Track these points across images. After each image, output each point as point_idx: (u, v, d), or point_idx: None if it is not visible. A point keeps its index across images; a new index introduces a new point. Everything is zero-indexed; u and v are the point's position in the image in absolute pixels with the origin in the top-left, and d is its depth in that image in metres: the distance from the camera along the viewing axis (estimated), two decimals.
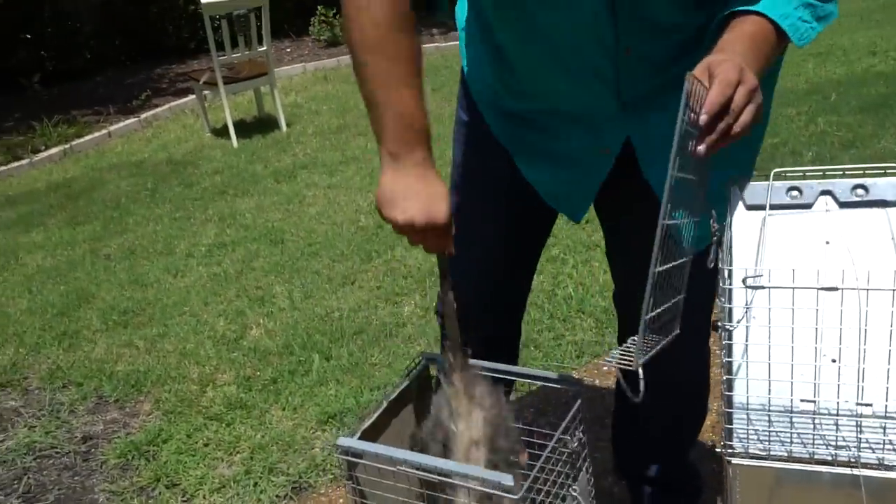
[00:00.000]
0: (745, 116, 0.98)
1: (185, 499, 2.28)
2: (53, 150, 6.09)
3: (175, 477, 2.38)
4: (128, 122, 6.58)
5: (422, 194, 1.17)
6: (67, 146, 6.11)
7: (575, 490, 1.40)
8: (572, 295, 2.94)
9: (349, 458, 1.36)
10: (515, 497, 1.18)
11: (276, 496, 2.20)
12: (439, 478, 1.27)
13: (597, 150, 1.36)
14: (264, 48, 5.72)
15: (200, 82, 5.90)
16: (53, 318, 3.53)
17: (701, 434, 2.11)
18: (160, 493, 2.32)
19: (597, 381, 2.43)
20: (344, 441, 1.36)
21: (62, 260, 4.19)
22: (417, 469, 1.29)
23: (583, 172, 1.41)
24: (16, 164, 5.91)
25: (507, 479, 1.18)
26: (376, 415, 1.47)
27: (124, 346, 3.22)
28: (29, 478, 2.48)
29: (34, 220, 4.92)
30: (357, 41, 1.13)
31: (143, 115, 6.66)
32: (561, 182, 1.43)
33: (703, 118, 0.96)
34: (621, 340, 1.41)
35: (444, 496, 1.29)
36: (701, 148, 0.98)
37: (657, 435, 1.67)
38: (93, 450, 2.63)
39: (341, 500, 2.11)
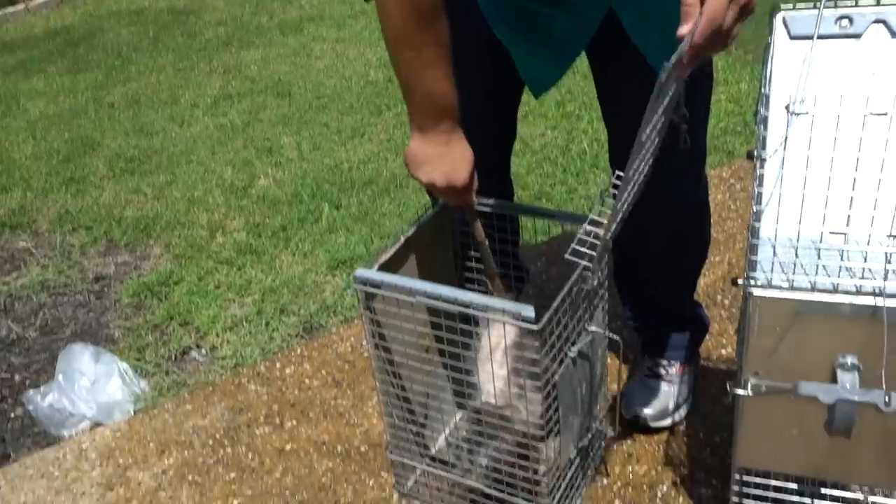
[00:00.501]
0: (733, 34, 1.01)
1: (199, 335, 2.33)
2: None
3: (188, 316, 2.43)
4: None
5: (445, 160, 1.33)
6: None
7: (591, 326, 1.42)
8: (586, 150, 2.90)
9: (367, 289, 1.37)
10: (536, 328, 1.20)
11: (288, 335, 2.25)
12: (459, 309, 1.29)
13: (574, 29, 1.37)
14: None
15: None
16: (59, 164, 3.51)
17: (706, 287, 2.14)
18: (174, 330, 2.37)
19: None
20: (361, 272, 1.37)
21: (65, 107, 4.12)
22: (437, 300, 1.30)
23: (557, 52, 1.42)
24: (11, 9, 5.71)
25: (528, 310, 1.19)
26: (395, 249, 1.47)
27: (132, 192, 3.21)
28: (45, 313, 2.53)
29: (34, 66, 4.80)
30: (388, 36, 1.24)
31: None
32: (534, 57, 1.45)
33: (685, 56, 0.99)
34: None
35: (462, 329, 1.31)
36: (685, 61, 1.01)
37: (659, 269, 1.68)
38: (105, 289, 2.67)
39: (352, 338, 2.16)
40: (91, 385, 2.16)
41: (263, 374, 2.07)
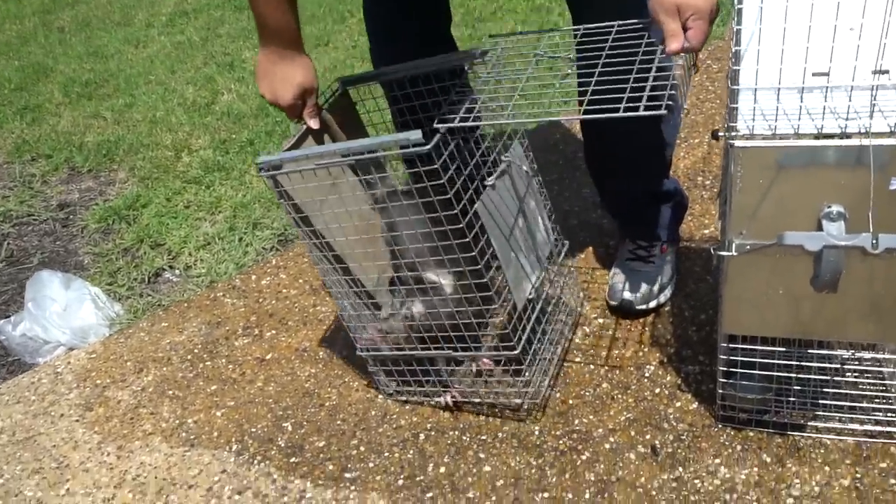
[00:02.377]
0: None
1: (171, 256, 2.27)
2: None
3: (158, 237, 2.36)
4: None
5: (271, 77, 1.41)
6: None
7: (505, 157, 1.40)
8: (558, 43, 2.79)
9: (272, 174, 1.37)
10: (426, 148, 1.20)
11: (263, 248, 2.19)
12: (356, 157, 1.30)
13: None
14: None
15: None
16: (12, 94, 3.37)
17: (686, 170, 2.08)
18: (145, 253, 2.31)
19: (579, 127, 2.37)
20: (262, 157, 1.38)
21: (12, 34, 3.94)
22: (332, 157, 1.32)
23: None
24: None
25: (415, 135, 1.20)
26: (296, 137, 1.46)
27: (91, 117, 3.09)
28: (9, 243, 2.45)
29: None
30: None
31: None
32: None
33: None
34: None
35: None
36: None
37: (631, 141, 1.63)
38: (71, 216, 2.58)
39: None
40: (63, 311, 2.10)
41: (239, 287, 2.02)
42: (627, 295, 1.66)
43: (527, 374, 1.49)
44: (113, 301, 2.16)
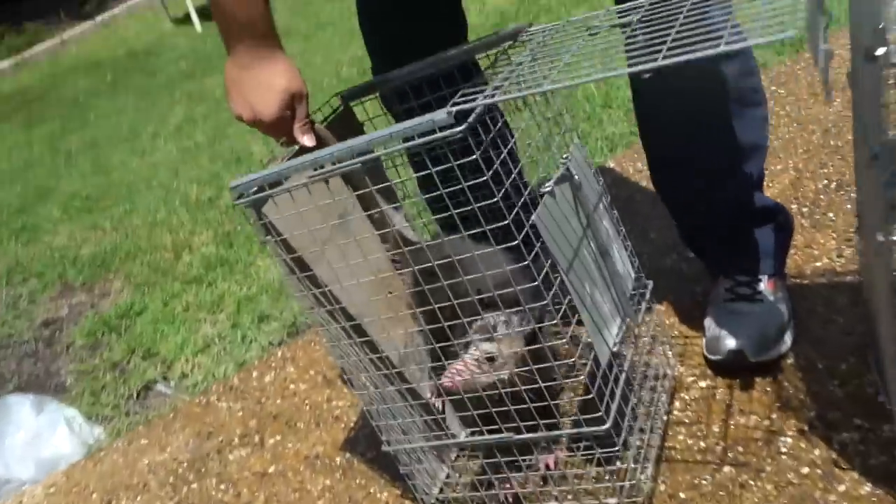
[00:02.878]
0: None
1: (165, 366, 1.90)
2: (4, 64, 5.58)
3: (152, 346, 2.00)
4: (83, 26, 6.04)
5: (248, 85, 1.08)
6: (19, 57, 5.60)
7: (566, 157, 1.02)
8: (594, 93, 2.48)
9: (251, 198, 1.01)
10: (460, 129, 0.86)
11: (270, 343, 1.81)
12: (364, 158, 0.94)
13: None
14: None
15: None
16: (10, 217, 3.13)
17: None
18: (135, 365, 1.95)
19: (631, 170, 2.01)
20: (235, 181, 1.02)
21: (18, 163, 3.77)
22: (332, 163, 0.96)
23: None
24: None
25: (440, 115, 0.87)
26: (289, 156, 1.10)
27: (89, 229, 2.82)
28: None
29: None
30: None
31: (99, 18, 6.11)
32: None
33: None
34: None
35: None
36: None
37: (714, 147, 1.26)
38: (57, 333, 2.25)
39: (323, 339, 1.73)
40: (31, 440, 1.72)
41: (237, 388, 1.64)
42: (735, 344, 1.24)
43: (621, 460, 1.06)
44: (93, 424, 1.78)
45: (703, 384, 1.28)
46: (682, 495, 1.10)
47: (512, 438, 1.05)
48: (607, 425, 1.00)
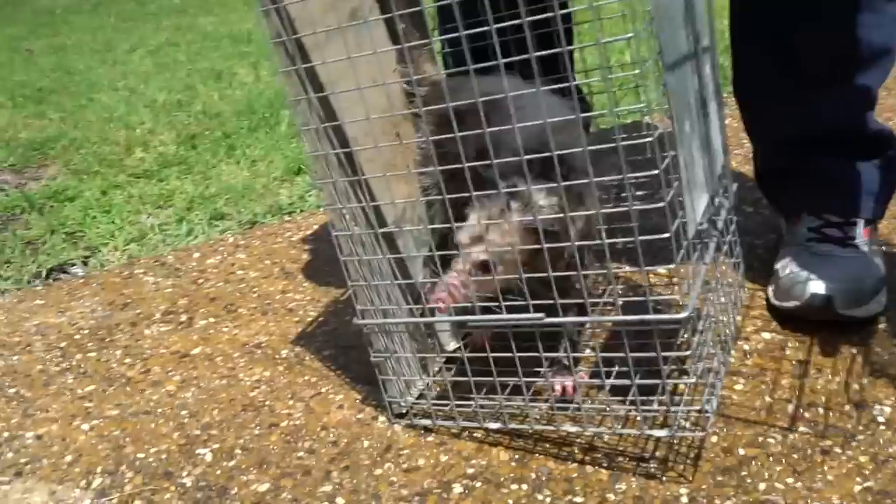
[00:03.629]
0: None
1: (88, 250, 1.56)
2: None
3: (77, 230, 1.66)
4: None
5: None
6: None
7: None
8: None
9: None
10: None
11: (219, 235, 1.49)
12: None
13: None
14: None
15: None
16: None
17: None
18: (53, 246, 1.60)
19: None
20: None
21: None
22: None
23: None
24: None
25: None
26: None
27: (33, 117, 2.47)
28: None
29: None
30: None
31: None
32: None
33: None
34: None
35: None
36: None
37: (818, 54, 1.01)
38: None
39: (315, 226, 1.42)
40: None
41: (171, 265, 1.31)
42: (823, 289, 0.97)
43: (691, 376, 0.77)
44: None
45: (767, 335, 1.01)
46: (741, 452, 0.81)
47: (541, 320, 0.75)
48: (686, 314, 0.71)
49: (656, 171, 0.64)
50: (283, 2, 0.77)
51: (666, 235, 0.67)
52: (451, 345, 0.98)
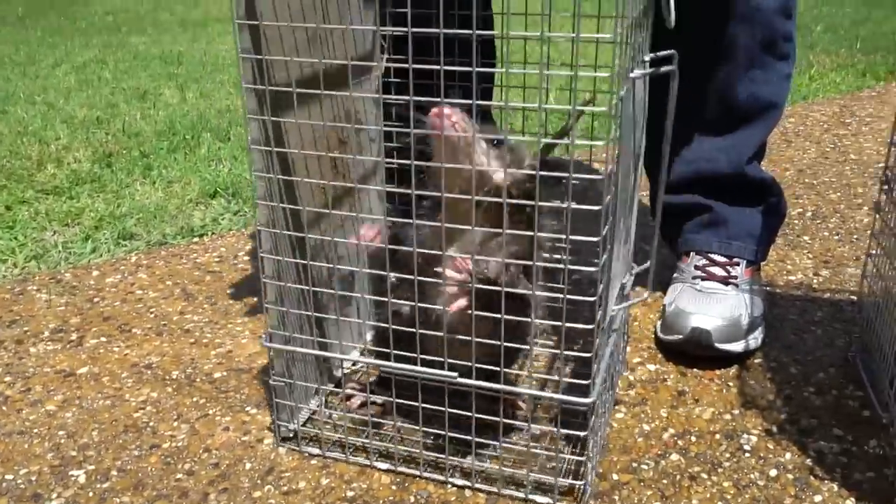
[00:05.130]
0: None
1: None
2: None
3: None
4: None
5: None
6: None
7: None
8: None
9: None
10: None
11: (123, 255, 1.47)
12: None
13: None
14: None
15: None
16: None
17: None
18: None
19: None
20: None
21: None
22: None
23: None
24: None
25: None
26: None
27: None
28: None
29: None
30: None
31: None
32: None
33: None
34: None
35: None
36: None
37: (710, 104, 1.09)
38: None
39: (222, 248, 1.41)
40: None
41: (67, 283, 1.28)
42: (701, 324, 1.01)
43: (589, 440, 0.79)
44: None
45: (651, 367, 1.04)
46: (615, 477, 0.84)
47: (453, 378, 0.76)
48: (591, 399, 0.74)
49: (596, 238, 0.67)
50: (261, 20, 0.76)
51: (590, 327, 0.71)
52: (355, 352, 0.98)
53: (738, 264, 1.10)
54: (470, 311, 0.73)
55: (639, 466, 0.86)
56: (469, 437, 0.80)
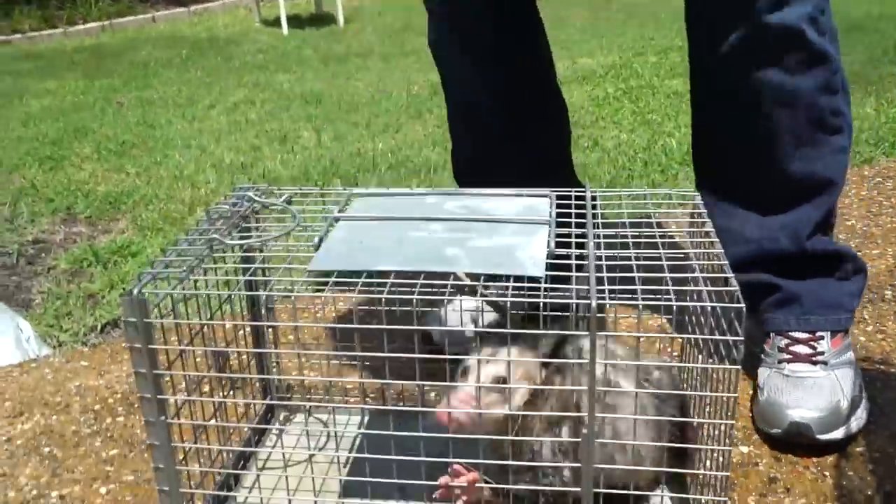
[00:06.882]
0: None
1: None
2: (92, 25, 5.60)
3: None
4: (176, 10, 6.09)
5: None
6: (107, 23, 5.62)
7: None
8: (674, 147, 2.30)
9: None
10: None
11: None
12: None
13: None
14: None
15: None
16: (42, 146, 3.01)
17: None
18: (111, 301, 1.75)
19: None
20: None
21: (68, 104, 3.67)
22: None
23: None
24: (48, 31, 5.43)
25: None
26: None
27: (113, 171, 2.67)
28: None
29: (52, 71, 4.42)
30: None
31: (193, 7, 6.16)
32: None
33: None
34: None
35: None
36: None
37: (769, 188, 1.11)
38: (43, 254, 2.07)
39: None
40: None
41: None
42: (800, 417, 1.00)
43: None
44: (44, 344, 1.59)
45: (744, 449, 1.04)
46: None
47: None
48: None
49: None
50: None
51: None
52: None
53: (821, 338, 1.08)
54: None
55: None
56: None
